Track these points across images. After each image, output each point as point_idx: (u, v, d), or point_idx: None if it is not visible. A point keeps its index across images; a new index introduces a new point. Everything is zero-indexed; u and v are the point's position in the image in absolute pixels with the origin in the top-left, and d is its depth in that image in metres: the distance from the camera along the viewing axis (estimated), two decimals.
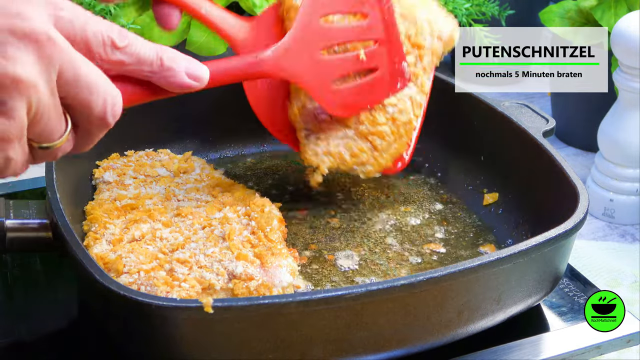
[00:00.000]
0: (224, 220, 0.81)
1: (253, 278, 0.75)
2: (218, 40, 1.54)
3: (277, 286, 0.76)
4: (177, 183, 0.91)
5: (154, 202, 0.86)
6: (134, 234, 0.80)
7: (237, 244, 0.78)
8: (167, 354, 0.69)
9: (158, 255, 0.76)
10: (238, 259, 0.76)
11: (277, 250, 0.79)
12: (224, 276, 0.75)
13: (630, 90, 1.31)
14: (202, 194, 0.88)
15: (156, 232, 0.80)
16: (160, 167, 0.94)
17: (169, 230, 0.80)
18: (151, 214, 0.82)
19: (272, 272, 0.76)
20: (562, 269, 0.82)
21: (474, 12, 1.82)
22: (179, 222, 0.82)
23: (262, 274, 0.76)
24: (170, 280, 0.73)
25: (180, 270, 0.74)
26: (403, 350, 0.74)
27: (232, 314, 0.66)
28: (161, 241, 0.79)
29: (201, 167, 0.96)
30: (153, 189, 0.89)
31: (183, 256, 0.76)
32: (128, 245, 0.78)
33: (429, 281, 0.69)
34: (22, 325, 0.84)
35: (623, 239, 1.31)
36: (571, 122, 1.64)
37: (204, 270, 0.75)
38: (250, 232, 0.80)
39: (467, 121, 1.02)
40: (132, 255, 0.76)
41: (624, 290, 1.15)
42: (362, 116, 0.89)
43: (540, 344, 0.82)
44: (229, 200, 0.86)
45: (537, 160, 0.90)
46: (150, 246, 0.78)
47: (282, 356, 0.68)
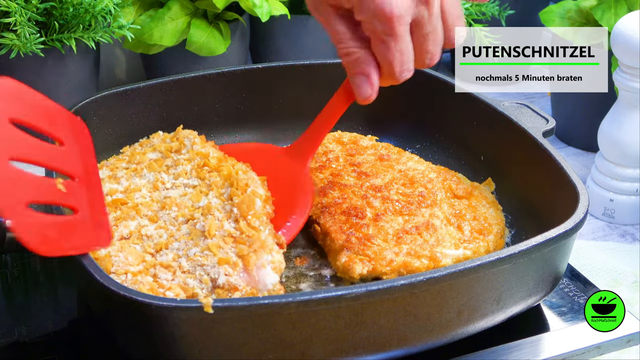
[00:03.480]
0: (207, 210, 0.81)
1: (237, 288, 0.75)
2: (218, 40, 1.54)
3: (262, 290, 0.76)
4: (167, 166, 0.91)
5: (142, 194, 0.86)
6: (122, 232, 0.80)
7: (217, 242, 0.77)
8: (167, 354, 0.69)
9: (145, 258, 0.77)
10: (220, 263, 0.76)
11: (260, 243, 0.77)
12: (208, 284, 0.75)
13: (630, 90, 1.30)
14: (190, 177, 0.88)
15: (142, 228, 0.81)
16: (151, 152, 0.93)
17: (154, 226, 0.81)
18: (138, 209, 0.83)
19: (256, 274, 0.76)
20: (562, 269, 0.82)
21: (474, 12, 1.83)
22: (164, 215, 0.82)
23: (245, 280, 0.75)
24: (156, 287, 0.74)
25: (164, 277, 0.75)
26: (403, 350, 0.74)
27: (232, 314, 0.66)
28: (147, 239, 0.80)
29: (191, 141, 0.93)
30: (143, 177, 0.89)
31: (166, 259, 0.77)
32: (118, 242, 0.79)
33: (429, 281, 0.69)
34: (22, 325, 0.84)
35: (623, 239, 1.31)
36: (571, 122, 1.64)
37: (187, 277, 0.75)
38: (233, 221, 0.80)
39: (467, 121, 1.02)
40: (122, 254, 0.77)
41: (624, 290, 1.15)
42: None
43: (540, 344, 0.82)
44: (216, 182, 0.85)
45: (537, 160, 0.90)
46: (138, 245, 0.79)
47: (282, 356, 0.68)
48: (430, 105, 1.07)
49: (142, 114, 1.02)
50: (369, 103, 0.80)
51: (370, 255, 0.83)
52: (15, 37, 1.33)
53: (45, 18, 1.39)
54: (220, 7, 1.50)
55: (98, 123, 0.98)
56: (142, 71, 1.82)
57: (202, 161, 0.89)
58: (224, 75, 1.06)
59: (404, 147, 1.06)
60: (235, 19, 1.64)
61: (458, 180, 0.96)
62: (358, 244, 0.84)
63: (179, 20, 1.51)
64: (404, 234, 0.86)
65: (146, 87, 1.02)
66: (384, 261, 0.83)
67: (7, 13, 1.35)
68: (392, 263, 0.83)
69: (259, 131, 1.09)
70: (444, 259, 0.84)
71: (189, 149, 0.92)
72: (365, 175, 0.95)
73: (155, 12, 1.52)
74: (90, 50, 1.46)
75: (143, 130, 1.02)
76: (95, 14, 1.38)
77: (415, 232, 0.86)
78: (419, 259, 0.84)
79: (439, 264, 0.83)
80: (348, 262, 0.83)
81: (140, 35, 1.50)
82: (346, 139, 1.04)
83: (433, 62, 0.77)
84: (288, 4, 1.71)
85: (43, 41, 1.41)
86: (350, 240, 0.85)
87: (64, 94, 1.63)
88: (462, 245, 0.86)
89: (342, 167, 0.97)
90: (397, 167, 0.97)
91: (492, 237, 0.88)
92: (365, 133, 1.10)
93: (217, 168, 0.88)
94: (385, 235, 0.86)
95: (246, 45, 1.75)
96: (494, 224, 0.90)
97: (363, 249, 0.84)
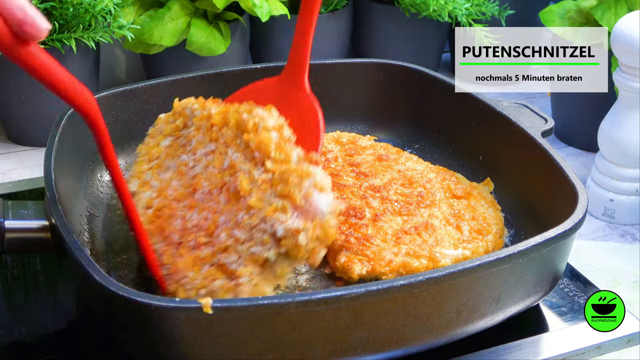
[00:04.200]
0: (232, 169, 0.77)
1: (298, 230, 0.70)
2: (218, 40, 1.54)
3: (324, 217, 0.70)
4: (182, 146, 0.87)
5: (173, 186, 0.83)
6: (172, 238, 0.77)
7: (256, 195, 0.73)
8: (166, 355, 0.69)
9: (201, 255, 0.73)
10: (269, 215, 0.71)
11: (295, 173, 0.72)
12: (270, 242, 0.70)
13: (630, 90, 1.30)
14: (205, 146, 0.83)
15: (187, 222, 0.77)
16: (163, 140, 0.90)
17: (196, 212, 0.77)
18: (173, 207, 0.79)
19: (308, 205, 0.71)
20: (561, 269, 0.82)
21: (474, 12, 1.83)
22: (200, 195, 0.78)
23: (301, 217, 0.71)
24: (229, 282, 0.71)
25: (229, 260, 0.71)
26: (403, 351, 0.74)
27: (232, 314, 0.66)
28: (197, 230, 0.76)
29: (192, 109, 0.88)
30: (167, 169, 0.86)
31: (222, 239, 0.72)
32: (178, 260, 0.75)
33: (428, 281, 0.69)
34: (22, 325, 0.84)
35: (623, 239, 1.31)
36: (571, 122, 1.64)
37: (249, 247, 0.71)
38: (261, 165, 0.75)
39: (466, 121, 1.02)
40: (187, 276, 0.73)
41: (624, 290, 1.16)
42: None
43: (539, 344, 0.82)
44: (229, 136, 0.80)
45: (536, 160, 0.90)
46: (191, 247, 0.75)
47: (282, 356, 0.68)
48: (430, 105, 1.07)
49: (141, 114, 1.02)
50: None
51: (369, 256, 0.83)
52: None
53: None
54: (220, 7, 1.50)
55: None
56: (142, 71, 1.82)
57: (208, 123, 0.84)
58: (223, 75, 1.06)
59: (403, 147, 1.06)
60: (235, 19, 1.64)
61: (457, 180, 0.96)
62: (357, 244, 0.84)
63: (179, 20, 1.51)
64: (402, 234, 0.86)
65: (146, 87, 1.02)
66: (383, 261, 0.83)
67: None
68: (391, 263, 0.83)
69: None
70: (443, 259, 0.84)
71: (193, 117, 0.87)
72: (364, 175, 0.95)
73: (155, 12, 1.52)
74: (90, 50, 1.46)
75: (143, 130, 1.02)
76: (95, 14, 1.38)
77: (414, 232, 0.87)
78: (418, 259, 0.84)
79: (438, 264, 0.83)
80: (347, 262, 0.83)
81: (140, 35, 1.50)
82: (345, 139, 1.04)
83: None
84: (288, 4, 1.71)
85: (43, 41, 1.41)
86: (349, 241, 0.85)
87: None
88: (461, 245, 0.86)
89: (341, 167, 0.97)
90: (396, 167, 0.97)
91: (491, 237, 0.88)
92: (365, 133, 1.10)
93: (223, 122, 0.82)
94: (384, 235, 0.86)
95: (246, 45, 1.75)
96: (492, 224, 0.90)
97: (362, 249, 0.84)
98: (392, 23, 2.00)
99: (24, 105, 1.57)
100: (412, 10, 1.88)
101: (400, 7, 1.93)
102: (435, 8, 1.76)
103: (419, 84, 1.08)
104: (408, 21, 1.95)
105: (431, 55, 2.05)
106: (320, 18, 1.91)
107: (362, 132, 1.10)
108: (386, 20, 2.01)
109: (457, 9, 1.72)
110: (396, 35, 1.99)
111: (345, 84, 1.10)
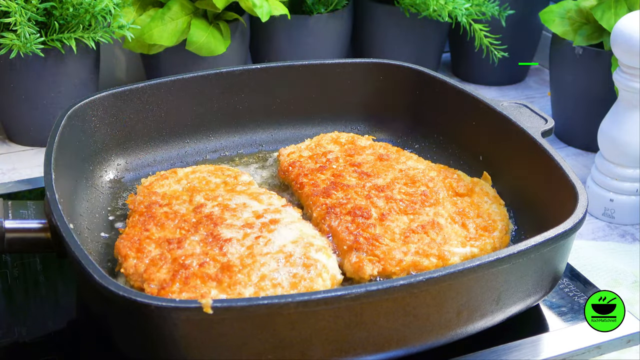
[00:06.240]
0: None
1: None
2: (218, 40, 1.54)
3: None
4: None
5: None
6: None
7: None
8: (166, 355, 0.69)
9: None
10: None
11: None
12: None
13: (630, 90, 1.30)
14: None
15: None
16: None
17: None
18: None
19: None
20: (561, 269, 0.82)
21: (474, 12, 1.83)
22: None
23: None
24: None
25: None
26: (403, 350, 0.74)
27: (232, 314, 0.66)
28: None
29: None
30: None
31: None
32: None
33: (428, 281, 0.69)
34: (22, 325, 0.84)
35: (623, 239, 1.31)
36: (571, 122, 1.64)
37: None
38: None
39: (466, 121, 1.02)
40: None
41: (624, 290, 1.16)
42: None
43: (539, 344, 0.82)
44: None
45: (536, 160, 0.90)
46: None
47: (282, 356, 0.68)
48: (430, 105, 1.07)
49: (141, 114, 1.02)
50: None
51: (380, 256, 0.83)
52: (15, 37, 1.33)
53: (45, 18, 1.38)
54: (220, 7, 1.50)
55: (97, 123, 0.98)
56: (142, 71, 1.82)
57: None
58: (223, 76, 1.06)
59: (403, 147, 1.06)
60: (235, 19, 1.64)
61: (458, 178, 0.96)
62: (366, 244, 0.84)
63: (179, 20, 1.51)
64: (410, 233, 0.86)
65: (146, 87, 1.02)
66: (394, 261, 0.83)
67: (7, 13, 1.35)
68: (401, 263, 0.83)
69: (258, 131, 1.09)
70: (452, 257, 0.84)
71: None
72: (366, 175, 0.95)
73: (155, 12, 1.52)
74: (90, 50, 1.46)
75: (143, 130, 1.02)
76: (95, 14, 1.38)
77: (422, 231, 0.86)
78: (428, 257, 0.84)
79: (448, 262, 0.83)
80: (358, 262, 0.83)
81: (140, 35, 1.50)
82: (344, 139, 1.04)
83: None
84: (288, 4, 1.71)
85: (43, 41, 1.41)
86: (359, 241, 0.85)
87: (64, 94, 1.63)
88: (469, 243, 0.86)
89: (342, 168, 0.97)
90: (397, 166, 0.97)
91: (497, 233, 0.88)
92: (365, 133, 1.10)
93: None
94: (393, 234, 0.86)
95: (246, 46, 1.75)
96: (498, 220, 0.90)
97: (372, 249, 0.84)
98: (392, 23, 2.00)
99: (24, 105, 1.57)
100: (412, 10, 1.88)
101: (400, 7, 1.93)
102: (435, 8, 1.76)
103: (419, 84, 1.08)
104: (408, 21, 1.95)
105: (431, 55, 2.05)
106: (320, 18, 1.92)
107: (362, 132, 1.10)
108: (386, 20, 2.01)
109: (457, 9, 1.72)
110: (396, 35, 2.00)
111: (345, 84, 1.10)
